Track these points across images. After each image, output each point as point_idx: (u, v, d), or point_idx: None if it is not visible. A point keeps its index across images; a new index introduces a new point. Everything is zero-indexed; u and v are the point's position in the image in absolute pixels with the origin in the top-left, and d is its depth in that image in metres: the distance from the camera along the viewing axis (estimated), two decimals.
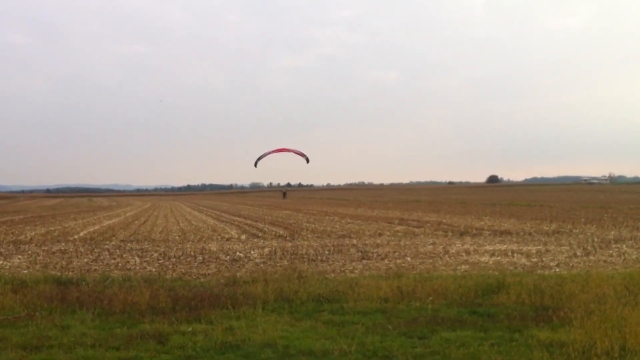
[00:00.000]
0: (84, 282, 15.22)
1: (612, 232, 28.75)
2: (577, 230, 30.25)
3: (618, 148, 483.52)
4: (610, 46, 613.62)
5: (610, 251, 21.46)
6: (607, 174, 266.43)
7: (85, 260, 21.07)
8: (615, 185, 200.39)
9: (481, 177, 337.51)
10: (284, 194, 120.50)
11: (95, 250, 24.20)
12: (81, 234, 32.79)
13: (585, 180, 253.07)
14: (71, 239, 29.83)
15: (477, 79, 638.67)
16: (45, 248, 25.26)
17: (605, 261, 19.04)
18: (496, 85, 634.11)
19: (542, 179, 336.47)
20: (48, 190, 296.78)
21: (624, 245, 23.04)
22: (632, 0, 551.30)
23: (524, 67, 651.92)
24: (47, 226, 40.52)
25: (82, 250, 24.23)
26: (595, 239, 25.54)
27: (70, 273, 17.64)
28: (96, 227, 39.17)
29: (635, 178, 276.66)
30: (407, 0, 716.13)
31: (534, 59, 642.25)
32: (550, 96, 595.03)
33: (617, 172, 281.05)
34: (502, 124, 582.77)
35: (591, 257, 19.97)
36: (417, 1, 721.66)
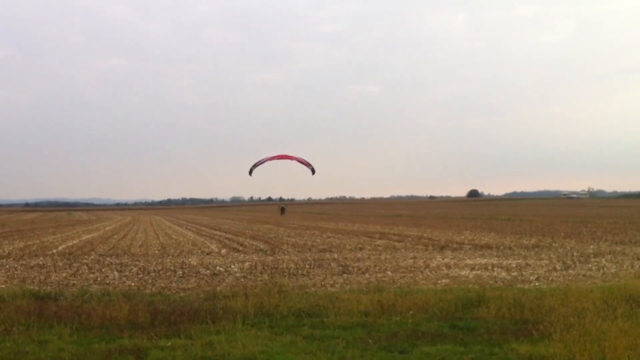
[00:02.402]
0: (62, 297, 15.10)
1: (591, 247, 28.95)
2: (557, 245, 30.43)
3: (597, 163, 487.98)
4: (588, 63, 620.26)
5: (590, 265, 21.59)
6: (586, 189, 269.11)
7: (64, 274, 20.87)
8: (595, 200, 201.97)
9: (462, 192, 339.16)
10: (282, 210, 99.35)
11: (74, 264, 23.98)
12: (60, 249, 32.49)
13: (565, 194, 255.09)
14: (49, 253, 29.55)
15: (458, 94, 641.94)
16: (23, 262, 25.00)
17: (584, 275, 19.15)
18: (477, 101, 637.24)
19: (522, 193, 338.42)
20: (27, 204, 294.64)
21: (603, 260, 23.20)
22: (609, 19, 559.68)
23: (504, 82, 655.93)
24: (25, 240, 40.13)
25: (61, 264, 24.01)
26: (575, 253, 25.70)
27: (49, 288, 17.48)
28: (75, 242, 38.83)
29: (614, 193, 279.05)
30: (388, 16, 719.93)
31: (514, 74, 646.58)
32: (530, 111, 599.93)
33: (596, 187, 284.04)
34: (483, 138, 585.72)
35: (570, 271, 20.08)
36: (399, 17, 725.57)
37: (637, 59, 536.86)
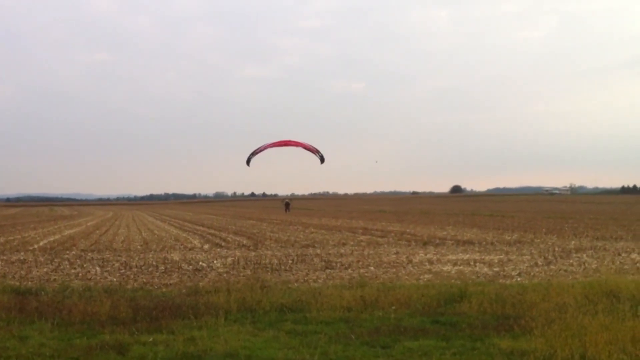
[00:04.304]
0: (43, 292, 14.99)
1: (573, 242, 29.13)
2: (539, 240, 30.60)
3: (579, 159, 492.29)
4: (570, 60, 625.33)
5: (571, 261, 21.72)
6: (568, 185, 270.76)
7: (45, 270, 20.73)
8: (576, 196, 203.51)
9: (445, 187, 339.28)
10: (287, 205, 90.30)
11: (55, 260, 23.81)
12: (41, 244, 32.27)
13: (547, 190, 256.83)
14: (31, 248, 29.35)
15: (442, 90, 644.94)
16: (4, 258, 24.80)
17: (565, 270, 19.27)
18: (460, 97, 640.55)
19: (505, 189, 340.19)
20: (8, 200, 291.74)
21: (584, 255, 23.35)
22: (590, 15, 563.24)
23: (487, 79, 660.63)
24: (6, 236, 39.83)
25: (42, 260, 23.84)
26: (556, 249, 25.86)
27: (29, 283, 17.37)
28: (56, 237, 38.59)
29: (596, 189, 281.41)
30: (373, 11, 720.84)
31: (497, 70, 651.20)
32: (512, 107, 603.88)
33: (577, 183, 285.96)
34: (466, 134, 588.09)
35: (552, 267, 20.19)
36: (383, 12, 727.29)
37: (619, 56, 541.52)
